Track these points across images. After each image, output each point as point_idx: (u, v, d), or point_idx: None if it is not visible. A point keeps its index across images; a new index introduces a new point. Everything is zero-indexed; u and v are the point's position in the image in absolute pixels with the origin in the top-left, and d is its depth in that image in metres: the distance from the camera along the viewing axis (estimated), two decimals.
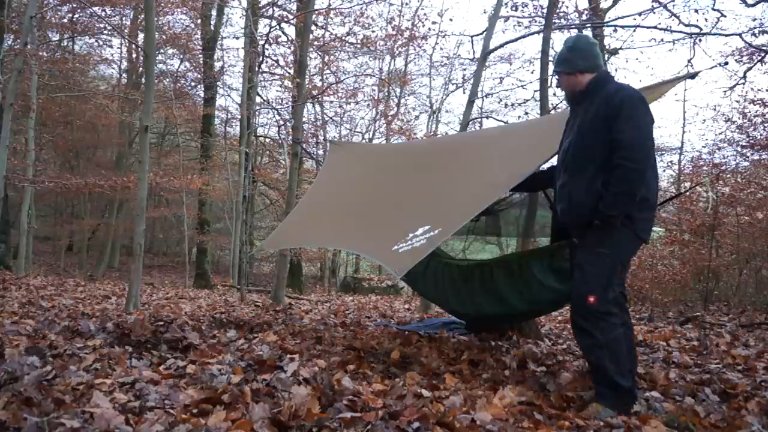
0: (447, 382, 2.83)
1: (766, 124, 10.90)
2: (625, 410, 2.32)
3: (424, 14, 22.37)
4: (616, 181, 2.38)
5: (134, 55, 17.99)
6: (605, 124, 2.45)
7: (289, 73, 14.15)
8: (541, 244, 4.56)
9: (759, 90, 11.05)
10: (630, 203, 2.42)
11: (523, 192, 4.02)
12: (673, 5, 8.30)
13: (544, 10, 8.36)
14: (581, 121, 2.59)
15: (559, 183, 2.67)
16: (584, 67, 2.63)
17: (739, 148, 11.55)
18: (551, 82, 5.97)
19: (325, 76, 16.62)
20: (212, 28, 15.99)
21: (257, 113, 16.05)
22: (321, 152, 16.07)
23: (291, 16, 13.46)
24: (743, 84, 10.06)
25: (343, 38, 14.90)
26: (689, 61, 8.06)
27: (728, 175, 10.61)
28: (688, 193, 9.96)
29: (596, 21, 10.82)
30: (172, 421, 1.87)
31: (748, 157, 11.27)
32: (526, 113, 12.69)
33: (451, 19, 37.10)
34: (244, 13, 11.63)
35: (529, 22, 10.19)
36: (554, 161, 3.04)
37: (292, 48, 13.00)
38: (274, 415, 1.92)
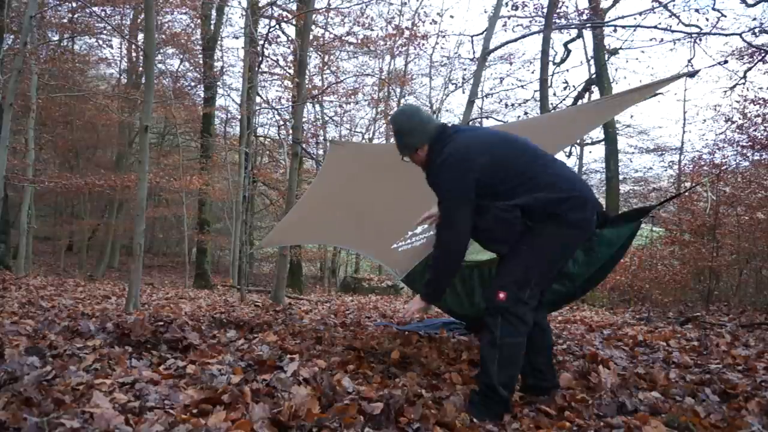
0: (447, 382, 2.83)
1: (766, 124, 10.90)
2: (496, 418, 2.21)
3: (425, 13, 22.42)
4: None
5: (134, 55, 18.00)
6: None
7: (289, 73, 14.16)
8: None
9: (759, 89, 11.08)
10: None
11: None
12: (673, 5, 8.32)
13: (544, 10, 8.38)
14: None
15: None
16: (416, 142, 2.54)
17: (739, 148, 11.56)
18: (551, 82, 5.96)
19: (325, 76, 16.63)
20: (212, 28, 15.99)
21: (257, 113, 16.07)
22: (321, 152, 16.10)
23: (291, 16, 13.47)
24: (743, 84, 10.07)
25: (343, 38, 14.91)
26: (689, 60, 8.08)
27: (729, 175, 10.61)
28: (687, 193, 9.97)
29: (596, 21, 10.82)
30: (172, 421, 1.87)
31: (748, 157, 11.28)
32: (526, 113, 12.71)
33: (452, 17, 37.16)
34: (244, 13, 11.63)
35: (529, 22, 10.21)
36: None
37: (292, 48, 13.01)
38: (274, 415, 1.92)
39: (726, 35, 9.29)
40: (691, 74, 3.46)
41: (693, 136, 41.03)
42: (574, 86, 12.26)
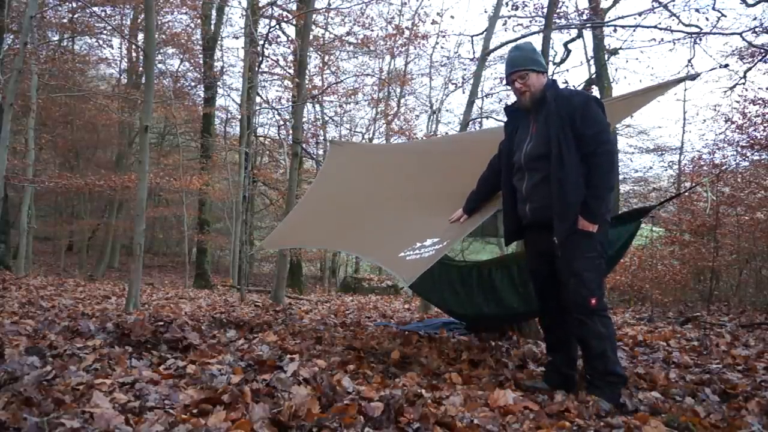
0: (447, 382, 2.83)
1: (766, 124, 10.88)
2: (617, 395, 2.52)
3: (425, 13, 22.40)
4: (603, 172, 2.60)
5: (134, 55, 17.99)
6: (569, 123, 2.63)
7: (289, 73, 14.15)
8: None
9: (759, 89, 11.05)
10: (611, 190, 2.69)
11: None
12: (673, 5, 8.29)
13: (544, 10, 8.37)
14: (542, 124, 2.74)
15: (528, 183, 2.80)
16: (546, 67, 2.85)
17: (739, 148, 11.53)
18: None
19: (325, 76, 16.62)
20: (212, 28, 15.99)
21: (257, 113, 16.06)
22: (321, 152, 16.09)
23: (291, 16, 13.47)
24: (743, 84, 10.05)
25: (343, 38, 14.90)
26: (689, 61, 8.03)
27: (729, 175, 10.60)
28: (687, 193, 9.97)
29: (596, 21, 10.81)
30: (172, 421, 1.87)
31: (748, 157, 11.25)
32: None
33: (452, 17, 37.16)
34: (244, 13, 11.63)
35: (529, 22, 10.20)
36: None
37: (292, 48, 13.00)
38: (274, 415, 1.92)
39: (726, 35, 9.25)
40: (693, 77, 3.46)
41: (693, 136, 41.08)
42: (574, 86, 12.22)
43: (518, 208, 2.89)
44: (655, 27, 6.93)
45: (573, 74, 50.51)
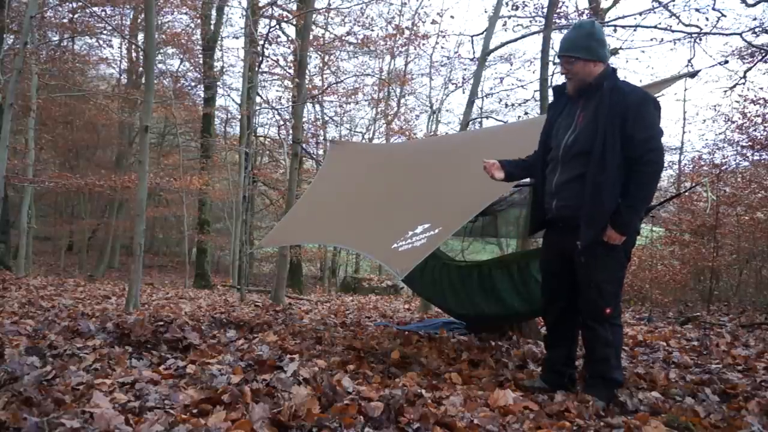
0: (447, 382, 2.83)
1: (766, 124, 10.88)
2: (611, 395, 2.54)
3: (425, 13, 22.41)
4: (644, 181, 2.46)
5: (134, 55, 17.99)
6: (620, 122, 2.44)
7: (289, 73, 14.16)
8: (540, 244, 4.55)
9: (759, 89, 11.05)
10: (648, 203, 2.59)
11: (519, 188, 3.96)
12: (673, 5, 8.29)
13: (544, 10, 8.36)
14: (590, 116, 2.53)
15: (559, 177, 2.61)
16: (601, 56, 2.57)
17: (739, 148, 11.54)
18: (551, 82, 5.94)
19: (325, 76, 16.62)
20: (212, 28, 16.00)
21: (257, 113, 16.07)
22: (321, 152, 16.09)
23: (291, 16, 13.47)
24: (743, 84, 10.05)
25: (343, 38, 14.91)
26: (689, 60, 8.05)
27: (729, 175, 10.60)
28: (687, 193, 9.96)
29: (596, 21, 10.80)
30: (172, 421, 1.87)
31: (748, 157, 11.26)
32: (526, 113, 12.66)
33: (452, 17, 37.19)
34: (244, 13, 11.64)
35: (529, 22, 10.19)
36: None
37: (292, 48, 13.01)
38: (274, 415, 1.92)
39: (726, 35, 9.25)
40: (692, 74, 3.47)
41: (693, 136, 41.08)
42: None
43: (545, 200, 2.72)
44: (656, 27, 6.95)
45: None
